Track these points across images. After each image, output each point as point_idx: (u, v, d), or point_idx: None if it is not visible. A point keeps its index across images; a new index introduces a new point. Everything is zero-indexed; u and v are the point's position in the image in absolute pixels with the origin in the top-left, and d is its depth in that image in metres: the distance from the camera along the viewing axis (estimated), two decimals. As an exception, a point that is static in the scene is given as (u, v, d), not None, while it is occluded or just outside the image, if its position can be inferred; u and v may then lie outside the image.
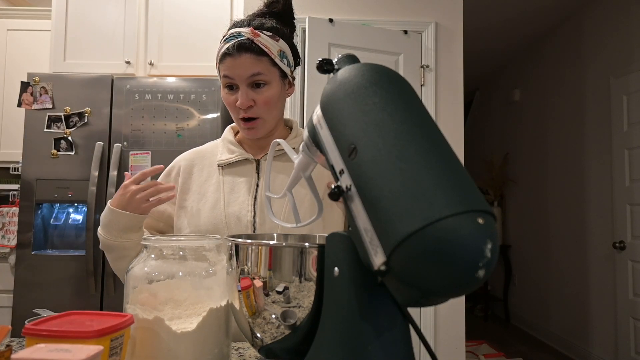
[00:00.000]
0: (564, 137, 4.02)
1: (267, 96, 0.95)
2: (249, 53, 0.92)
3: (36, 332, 0.51)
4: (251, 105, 0.94)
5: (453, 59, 2.77)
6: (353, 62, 0.51)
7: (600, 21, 3.54)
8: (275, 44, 0.95)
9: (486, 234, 0.36)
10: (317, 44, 2.57)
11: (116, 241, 0.92)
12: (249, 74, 0.93)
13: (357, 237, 0.43)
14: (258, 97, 0.94)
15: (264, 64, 0.93)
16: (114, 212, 0.90)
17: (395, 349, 0.45)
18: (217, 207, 0.96)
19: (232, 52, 0.93)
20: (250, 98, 0.94)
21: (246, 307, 0.56)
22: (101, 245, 0.95)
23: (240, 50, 0.92)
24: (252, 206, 0.96)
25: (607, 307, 3.35)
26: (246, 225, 0.94)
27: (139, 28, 2.54)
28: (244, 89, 0.94)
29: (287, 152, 0.64)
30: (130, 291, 0.63)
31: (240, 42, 0.93)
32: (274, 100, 0.96)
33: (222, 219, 0.94)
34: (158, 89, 2.32)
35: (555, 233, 4.13)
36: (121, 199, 0.90)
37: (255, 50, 0.93)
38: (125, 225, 0.91)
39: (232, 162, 1.01)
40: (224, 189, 0.98)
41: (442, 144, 0.41)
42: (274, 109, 0.97)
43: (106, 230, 0.92)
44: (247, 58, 0.93)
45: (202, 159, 1.05)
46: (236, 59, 0.93)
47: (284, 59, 0.97)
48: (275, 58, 0.94)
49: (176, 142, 2.29)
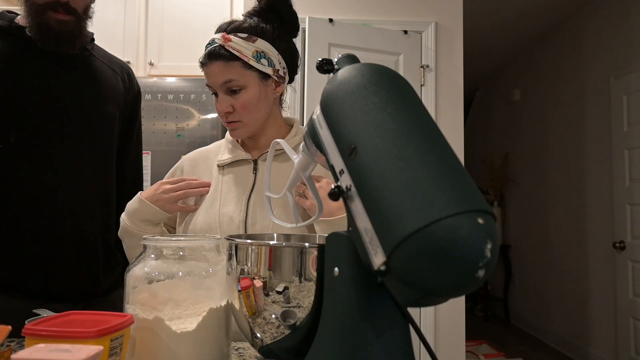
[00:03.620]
0: (564, 137, 4.02)
1: (244, 100, 0.94)
2: (219, 60, 0.92)
3: (36, 332, 0.51)
4: (230, 111, 0.95)
5: (453, 58, 2.77)
6: (353, 62, 0.51)
7: (600, 21, 3.54)
8: (249, 45, 0.92)
9: (486, 234, 0.36)
10: (317, 44, 2.57)
11: (135, 229, 0.96)
12: (221, 81, 0.93)
13: (357, 237, 0.43)
14: (235, 103, 0.94)
15: (236, 69, 0.92)
16: (141, 202, 0.96)
17: (395, 349, 0.45)
18: (213, 206, 0.97)
19: (205, 62, 0.94)
20: (228, 104, 0.94)
21: (246, 307, 0.56)
22: (120, 230, 0.99)
23: (211, 58, 0.93)
24: (245, 206, 0.96)
25: (607, 307, 3.35)
26: (238, 225, 0.94)
27: (139, 28, 2.54)
28: (221, 96, 0.95)
29: (286, 151, 0.64)
30: (130, 291, 0.63)
31: (210, 50, 0.93)
32: (252, 103, 0.95)
33: (215, 218, 0.95)
34: (158, 89, 2.32)
35: (555, 233, 4.13)
36: (153, 193, 0.96)
37: (225, 56, 0.91)
38: (147, 217, 0.96)
39: (230, 162, 1.01)
40: (222, 189, 0.99)
41: (442, 144, 0.41)
42: (255, 112, 0.96)
43: (129, 217, 0.97)
44: (217, 66, 0.92)
45: (205, 159, 1.06)
46: (209, 68, 0.94)
47: (262, 59, 0.94)
48: (250, 60, 0.92)
49: (176, 142, 2.29)
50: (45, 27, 1.05)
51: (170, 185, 0.97)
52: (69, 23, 1.06)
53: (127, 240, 0.99)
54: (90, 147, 1.15)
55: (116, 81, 1.23)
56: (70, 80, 1.13)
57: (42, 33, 1.05)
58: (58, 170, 1.09)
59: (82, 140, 1.13)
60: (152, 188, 0.98)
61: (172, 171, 1.08)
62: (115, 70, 1.25)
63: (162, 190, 0.96)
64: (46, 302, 1.02)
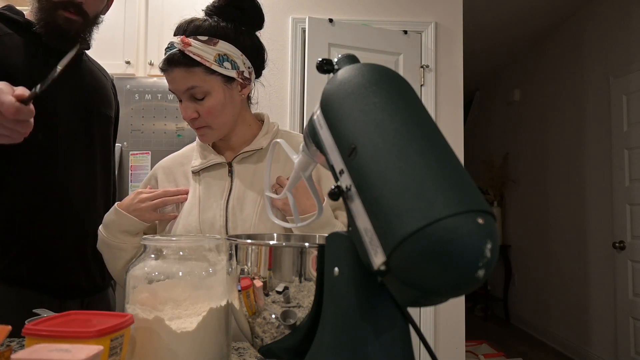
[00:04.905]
0: (564, 137, 4.02)
1: (209, 106, 0.90)
2: (180, 67, 0.88)
3: (36, 332, 0.51)
4: (195, 117, 0.92)
5: (453, 58, 2.77)
6: (353, 62, 0.51)
7: (600, 21, 3.54)
8: (210, 49, 0.88)
9: (486, 234, 0.36)
10: (317, 44, 2.57)
11: (114, 241, 0.94)
12: (183, 88, 0.89)
13: (357, 237, 0.43)
14: (200, 109, 0.91)
15: (198, 75, 0.88)
16: (118, 213, 0.93)
17: (395, 348, 0.45)
18: (192, 213, 0.94)
19: (165, 68, 0.90)
20: (193, 110, 0.91)
21: (246, 307, 0.56)
22: (98, 243, 0.97)
23: (171, 64, 0.88)
24: (224, 211, 0.93)
25: (607, 307, 3.35)
26: (219, 230, 0.92)
27: (139, 28, 2.54)
28: (185, 103, 0.92)
29: (286, 151, 0.64)
30: (130, 291, 0.63)
31: (169, 56, 0.88)
32: (217, 108, 0.91)
33: (195, 225, 0.92)
34: (158, 89, 2.32)
35: (555, 233, 4.13)
36: (130, 203, 0.93)
37: (185, 62, 0.87)
38: (125, 228, 0.93)
39: (204, 167, 0.98)
40: (199, 195, 0.96)
41: (442, 144, 0.41)
42: (221, 116, 0.93)
43: (106, 229, 0.94)
44: (178, 72, 0.88)
45: (180, 165, 1.03)
46: (169, 74, 0.90)
47: (225, 62, 0.90)
48: (212, 65, 0.88)
49: (176, 142, 2.29)
50: (52, 23, 1.06)
51: (147, 194, 0.94)
52: (76, 23, 1.08)
53: (106, 252, 0.96)
54: (99, 148, 1.19)
55: (108, 86, 1.28)
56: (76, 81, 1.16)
57: (48, 28, 1.07)
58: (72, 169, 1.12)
59: (92, 140, 1.17)
60: (128, 198, 0.95)
61: (145, 181, 1.04)
62: (105, 75, 1.30)
63: (138, 199, 0.93)
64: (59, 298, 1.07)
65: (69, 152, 1.11)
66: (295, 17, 2.69)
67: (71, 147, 1.12)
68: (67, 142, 1.11)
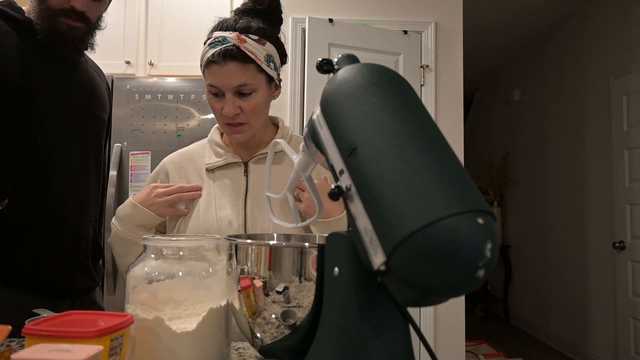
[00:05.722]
0: (564, 137, 4.02)
1: (254, 103, 0.92)
2: (235, 61, 0.88)
3: (36, 332, 0.51)
4: (237, 113, 0.92)
5: (453, 59, 2.77)
6: (353, 62, 0.51)
7: (600, 21, 3.54)
8: (262, 48, 0.90)
9: (486, 234, 0.36)
10: (317, 44, 2.57)
11: (129, 235, 0.94)
12: (236, 84, 0.89)
13: (357, 237, 0.43)
14: (245, 105, 0.92)
15: (251, 72, 0.90)
16: (135, 207, 0.94)
17: (395, 349, 0.45)
18: (209, 210, 0.95)
19: (218, 60, 0.88)
20: (237, 106, 0.91)
21: (246, 307, 0.56)
22: (111, 236, 0.97)
23: (226, 58, 0.88)
24: (242, 210, 0.94)
25: (607, 307, 3.35)
26: (237, 228, 0.93)
27: (139, 28, 2.54)
28: (230, 98, 0.91)
29: (286, 151, 0.64)
30: (130, 291, 0.63)
31: (225, 49, 0.88)
32: (260, 106, 0.93)
33: (214, 222, 0.93)
34: (158, 89, 2.32)
35: (555, 233, 4.13)
36: (147, 197, 0.94)
37: (241, 58, 0.88)
38: (141, 222, 0.94)
39: (220, 165, 0.99)
40: (215, 193, 0.97)
41: (441, 144, 0.41)
42: (261, 114, 0.95)
43: (122, 223, 0.95)
44: (233, 67, 0.88)
45: (190, 161, 1.03)
46: (222, 67, 0.89)
47: (271, 64, 0.92)
48: (262, 64, 0.90)
49: (176, 142, 2.29)
50: (55, 31, 1.05)
51: (163, 189, 0.95)
52: (79, 30, 1.07)
53: (119, 246, 0.97)
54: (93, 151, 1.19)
55: (103, 88, 1.27)
56: (72, 83, 1.15)
57: (52, 37, 1.05)
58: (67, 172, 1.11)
59: (87, 143, 1.16)
60: (144, 192, 0.95)
61: (153, 175, 1.04)
62: (101, 76, 1.28)
63: (155, 194, 0.94)
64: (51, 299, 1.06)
65: (64, 155, 1.10)
66: (295, 17, 2.69)
67: (67, 151, 1.11)
68: (63, 146, 1.10)
